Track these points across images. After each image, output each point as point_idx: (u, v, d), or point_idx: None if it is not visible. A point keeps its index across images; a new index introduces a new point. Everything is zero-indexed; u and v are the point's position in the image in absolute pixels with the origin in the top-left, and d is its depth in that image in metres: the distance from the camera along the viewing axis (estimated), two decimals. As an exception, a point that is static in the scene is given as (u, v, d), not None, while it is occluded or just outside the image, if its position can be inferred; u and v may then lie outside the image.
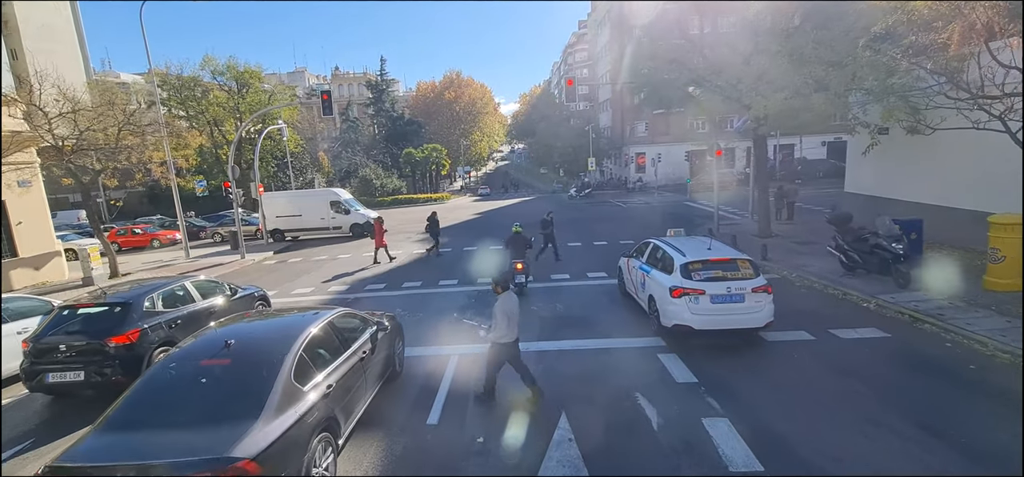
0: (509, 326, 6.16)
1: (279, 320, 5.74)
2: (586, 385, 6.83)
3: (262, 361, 4.36)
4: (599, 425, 5.73)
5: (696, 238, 9.63)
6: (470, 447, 5.42)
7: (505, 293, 6.32)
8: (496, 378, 6.46)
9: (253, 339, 4.87)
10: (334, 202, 25.47)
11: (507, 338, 6.21)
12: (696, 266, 7.83)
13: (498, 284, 6.37)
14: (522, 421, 5.92)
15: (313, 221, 25.33)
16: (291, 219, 25.47)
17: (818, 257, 13.71)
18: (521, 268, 11.53)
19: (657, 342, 8.17)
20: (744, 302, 7.56)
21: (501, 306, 6.19)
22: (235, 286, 9.31)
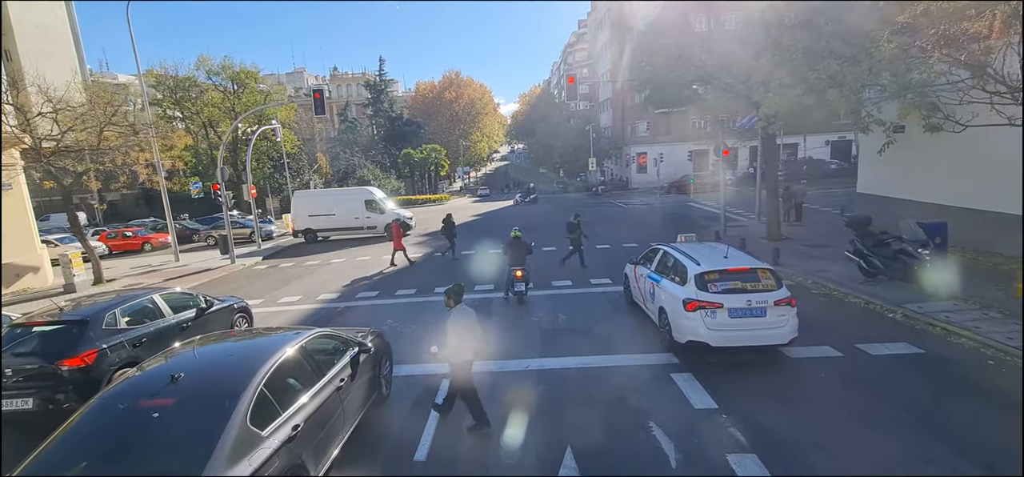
0: (461, 345, 5.62)
1: (242, 344, 5.04)
2: (593, 412, 6.13)
3: (212, 400, 3.68)
4: (610, 464, 5.04)
5: (710, 244, 8.93)
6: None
7: (458, 307, 5.76)
8: (479, 401, 5.86)
9: (206, 371, 4.17)
10: (369, 201, 24.54)
11: (459, 357, 5.67)
12: (712, 276, 7.14)
13: (451, 296, 5.79)
14: (522, 460, 5.23)
15: (347, 220, 24.40)
16: (324, 218, 24.49)
17: (834, 261, 13.03)
18: (521, 275, 10.85)
19: (669, 359, 7.48)
20: (766, 316, 6.87)
21: (453, 322, 5.66)
22: (211, 298, 8.62)
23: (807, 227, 19.32)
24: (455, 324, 5.64)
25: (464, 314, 5.73)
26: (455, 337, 5.60)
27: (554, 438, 5.54)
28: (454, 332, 5.61)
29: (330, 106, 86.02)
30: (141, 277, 18.44)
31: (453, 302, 5.81)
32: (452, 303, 5.81)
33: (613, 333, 8.81)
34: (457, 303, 5.82)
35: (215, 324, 8.34)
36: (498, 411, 6.23)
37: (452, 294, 5.83)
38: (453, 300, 5.81)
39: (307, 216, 24.48)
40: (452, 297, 5.82)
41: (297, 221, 24.61)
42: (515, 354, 8.07)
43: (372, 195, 25.11)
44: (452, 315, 5.74)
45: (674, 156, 46.27)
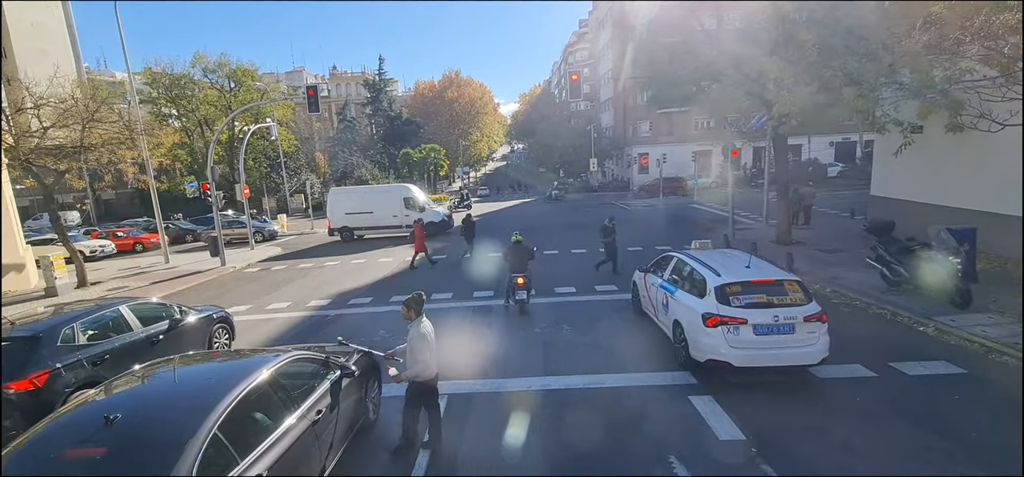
0: (421, 362, 5.07)
1: (201, 371, 4.36)
2: (605, 442, 5.47)
3: (151, 451, 3.02)
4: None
5: (728, 252, 8.28)
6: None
7: (419, 320, 5.14)
8: (415, 425, 5.36)
9: (149, 410, 3.50)
10: (407, 199, 23.78)
11: (423, 374, 5.11)
12: (734, 289, 6.48)
13: (410, 307, 5.15)
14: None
15: (384, 219, 23.65)
16: (361, 216, 23.73)
17: (851, 268, 12.39)
18: (522, 283, 10.18)
19: (686, 378, 6.82)
20: (794, 333, 6.22)
21: (413, 336, 5.08)
22: (187, 308, 7.96)
23: (816, 230, 18.70)
24: (413, 339, 5.07)
25: (422, 331, 5.11)
26: (414, 354, 5.08)
27: (562, 474, 4.88)
28: (411, 348, 5.10)
29: (329, 105, 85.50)
30: (128, 279, 17.76)
31: (413, 314, 5.15)
32: (412, 315, 5.16)
33: (622, 347, 8.15)
34: (417, 316, 5.17)
35: (190, 337, 7.69)
36: (497, 439, 5.58)
37: (412, 305, 5.16)
38: (413, 312, 5.15)
39: (344, 214, 23.69)
40: (412, 308, 5.16)
41: (333, 219, 23.78)
42: (516, 371, 7.41)
43: (410, 192, 24.38)
44: (412, 328, 5.15)
45: (677, 156, 45.64)
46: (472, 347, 8.49)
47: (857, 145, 46.99)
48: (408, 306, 5.17)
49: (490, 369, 7.54)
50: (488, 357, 8.01)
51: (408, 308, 5.17)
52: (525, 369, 7.49)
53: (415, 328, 5.12)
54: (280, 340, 9.63)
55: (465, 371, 7.48)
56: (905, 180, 15.12)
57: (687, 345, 6.88)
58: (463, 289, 12.75)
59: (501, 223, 27.57)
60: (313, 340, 9.50)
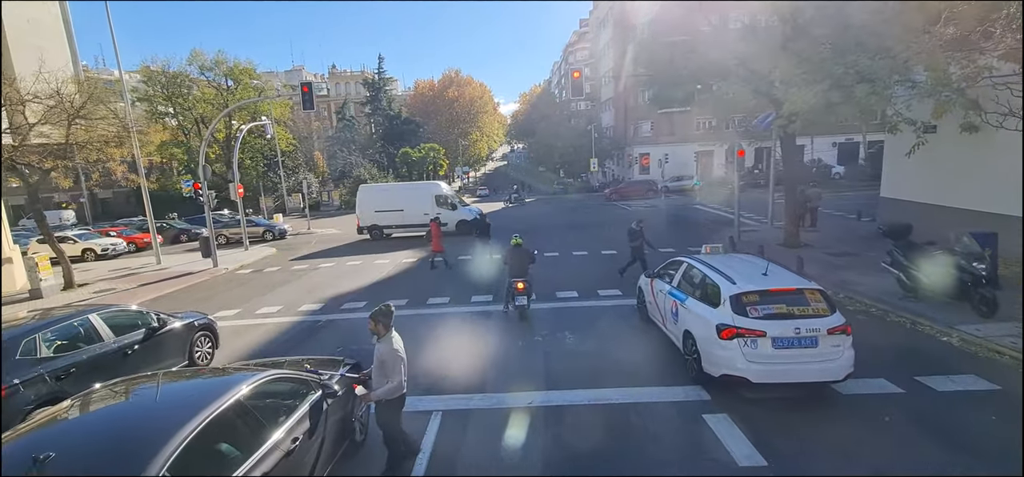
0: (397, 380, 4.67)
1: (161, 395, 3.87)
2: (613, 467, 5.00)
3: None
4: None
5: (741, 257, 7.80)
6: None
7: (389, 335, 4.72)
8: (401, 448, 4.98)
9: (89, 448, 3.01)
10: (439, 196, 23.19)
11: (397, 393, 4.71)
12: (751, 298, 6.01)
13: (378, 321, 4.72)
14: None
15: (416, 217, 22.96)
16: (391, 214, 23.12)
17: (864, 272, 11.94)
18: (522, 288, 9.70)
19: (698, 394, 6.35)
20: (817, 347, 5.75)
21: (384, 353, 4.67)
22: (166, 316, 7.48)
23: (823, 232, 18.25)
24: (387, 357, 4.65)
25: (395, 348, 4.69)
26: (386, 372, 4.66)
27: None
28: (378, 366, 4.69)
29: (328, 104, 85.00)
30: (117, 281, 17.28)
31: (382, 328, 4.72)
32: (381, 329, 4.72)
33: (629, 358, 7.68)
34: (387, 330, 4.74)
35: (168, 347, 7.22)
36: (496, 465, 5.11)
37: (380, 318, 4.72)
38: (382, 325, 4.72)
39: (373, 212, 23.11)
40: (380, 322, 4.71)
41: (363, 217, 23.19)
42: (516, 384, 6.94)
43: (441, 190, 23.80)
44: (380, 344, 4.73)
45: (678, 157, 45.20)
46: (470, 357, 8.02)
47: (860, 146, 46.54)
48: (375, 320, 4.72)
49: (489, 381, 7.07)
50: (487, 368, 7.54)
51: (375, 322, 4.71)
52: (526, 382, 7.02)
53: (386, 344, 4.69)
54: (267, 348, 9.16)
55: (462, 384, 7.02)
56: (917, 181, 14.66)
57: (699, 358, 6.41)
58: (461, 293, 12.28)
59: (500, 224, 27.05)
60: (303, 348, 9.03)
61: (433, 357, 8.10)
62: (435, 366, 7.71)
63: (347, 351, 8.38)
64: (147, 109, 46.22)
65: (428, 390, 6.83)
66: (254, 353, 8.85)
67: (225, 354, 8.74)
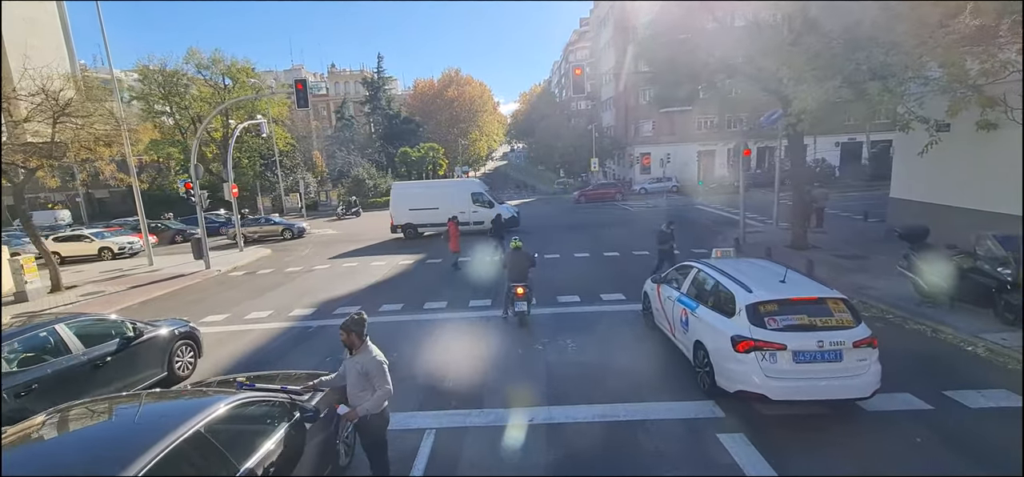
0: (384, 392, 4.25)
1: (115, 425, 3.40)
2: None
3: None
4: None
5: (754, 262, 7.34)
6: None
7: (366, 345, 4.32)
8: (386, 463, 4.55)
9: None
10: (475, 194, 22.73)
11: (381, 406, 4.28)
12: (770, 308, 5.57)
13: (351, 331, 4.29)
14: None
15: (451, 215, 22.59)
16: (427, 212, 22.55)
17: (877, 275, 11.51)
18: (522, 293, 9.25)
19: (711, 410, 5.91)
20: (842, 361, 5.31)
21: (366, 365, 4.25)
22: (143, 325, 7.03)
23: (830, 234, 17.82)
24: (371, 369, 4.23)
25: (378, 358, 4.29)
26: (372, 385, 4.23)
27: None
28: (372, 378, 4.24)
29: (327, 103, 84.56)
30: (107, 283, 16.83)
31: (357, 339, 4.30)
32: (356, 341, 4.30)
33: (635, 369, 7.23)
34: (362, 340, 4.33)
35: (144, 358, 6.78)
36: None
37: (353, 328, 4.29)
38: (357, 337, 4.30)
39: (408, 210, 22.59)
40: (354, 332, 4.29)
41: (397, 215, 22.68)
42: (516, 399, 6.49)
43: (479, 188, 23.30)
44: (359, 359, 4.30)
45: (680, 156, 44.77)
46: (467, 367, 7.58)
47: (863, 146, 46.12)
48: (348, 331, 4.29)
49: (487, 395, 6.63)
50: (485, 380, 7.10)
51: (348, 334, 4.29)
52: (526, 395, 6.57)
53: (365, 355, 4.28)
54: (254, 357, 8.71)
55: (458, 398, 6.58)
56: (930, 182, 14.21)
57: (712, 371, 5.97)
58: (459, 297, 11.84)
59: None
60: (291, 357, 8.59)
61: (427, 368, 7.66)
62: (429, 378, 7.27)
63: (336, 362, 7.95)
64: (143, 107, 45.80)
65: (421, 405, 6.40)
66: (239, 363, 8.41)
67: (208, 364, 8.30)
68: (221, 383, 5.14)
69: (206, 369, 8.07)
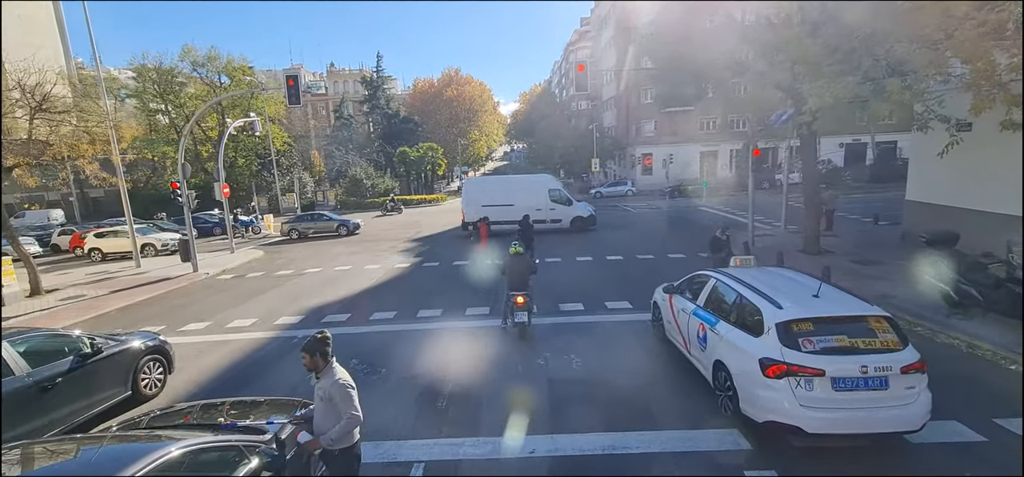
0: (353, 419, 3.69)
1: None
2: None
3: None
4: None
5: (780, 273, 6.67)
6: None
7: (331, 367, 3.76)
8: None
9: None
10: (552, 191, 21.80)
11: (351, 428, 3.69)
12: (804, 327, 4.92)
13: (314, 353, 3.73)
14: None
15: (527, 212, 21.70)
16: (500, 209, 21.43)
17: (898, 283, 10.87)
18: (523, 303, 8.59)
19: (735, 440, 5.26)
20: (888, 389, 4.66)
21: (330, 389, 3.68)
22: (101, 340, 6.36)
23: (842, 238, 17.19)
24: (336, 393, 3.65)
25: (342, 381, 3.70)
26: (338, 411, 3.66)
27: None
28: (337, 402, 3.66)
29: (326, 103, 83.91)
30: (90, 286, 16.14)
31: (321, 361, 3.74)
32: (320, 363, 3.73)
33: (648, 390, 6.57)
34: (326, 362, 3.76)
35: (104, 376, 6.12)
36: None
37: (316, 350, 3.73)
38: (321, 358, 3.73)
39: (481, 206, 21.56)
40: (317, 354, 3.72)
41: (469, 212, 21.70)
42: (515, 425, 5.83)
43: (556, 184, 22.39)
44: (322, 382, 3.74)
45: (682, 156, 44.15)
46: (461, 387, 6.92)
47: (868, 147, 45.54)
48: (311, 353, 3.72)
49: (483, 420, 5.97)
50: (480, 402, 6.44)
51: (312, 356, 3.72)
52: (526, 421, 5.91)
53: (328, 378, 3.70)
54: (231, 372, 8.04)
55: (451, 423, 5.92)
56: (950, 184, 13.57)
57: (736, 396, 5.32)
58: (455, 303, 11.18)
59: (499, 227, 25.95)
60: (271, 372, 7.92)
61: (418, 386, 7.00)
62: (420, 399, 6.61)
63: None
64: (138, 106, 45.14)
65: (410, 433, 5.73)
66: (214, 378, 7.74)
67: (182, 379, 7.63)
68: (163, 416, 4.50)
69: (178, 386, 7.40)
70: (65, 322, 12.01)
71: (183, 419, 4.54)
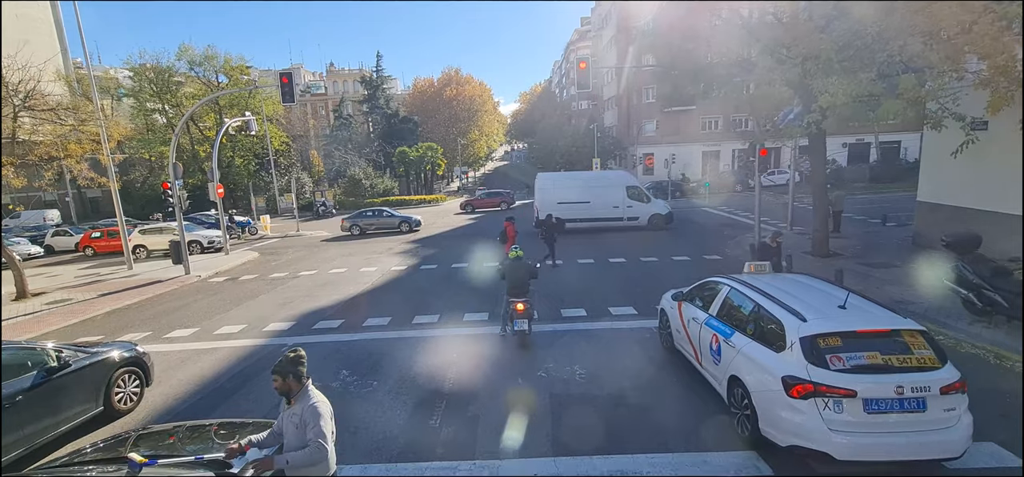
0: (324, 451, 3.19)
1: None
2: None
3: None
4: None
5: (800, 280, 6.21)
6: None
7: (305, 390, 3.28)
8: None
9: None
10: (631, 188, 21.16)
11: (314, 461, 3.16)
12: (832, 342, 4.48)
13: (286, 375, 3.25)
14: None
15: (604, 210, 20.87)
16: (575, 207, 20.74)
17: (913, 288, 10.43)
18: (523, 310, 8.15)
19: (756, 466, 4.82)
20: (926, 412, 4.22)
21: (304, 415, 3.20)
22: (70, 353, 5.92)
23: (850, 240, 16.76)
24: (309, 420, 3.18)
25: (319, 408, 3.21)
26: (308, 438, 3.18)
27: None
28: (310, 429, 3.18)
29: (326, 103, 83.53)
30: (76, 290, 15.72)
31: (294, 383, 3.26)
32: (293, 385, 3.25)
33: (657, 406, 6.13)
34: (300, 385, 3.28)
35: (72, 392, 5.69)
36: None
37: (287, 370, 3.25)
38: (293, 380, 3.25)
39: (556, 204, 20.57)
40: (289, 375, 3.24)
41: (543, 208, 20.71)
42: (514, 447, 5.40)
43: (632, 181, 21.82)
44: (296, 408, 3.25)
45: (684, 157, 43.75)
46: (457, 401, 6.49)
47: (871, 147, 45.10)
48: (282, 375, 3.24)
49: (480, 440, 5.54)
50: (477, 419, 6.00)
51: (283, 378, 3.24)
52: (527, 440, 5.49)
53: (303, 403, 3.22)
54: (214, 383, 7.60)
55: (446, 442, 5.49)
56: (964, 184, 13.14)
57: (754, 416, 4.88)
58: (453, 310, 10.75)
59: (498, 228, 25.52)
60: (254, 385, 7.48)
61: (411, 401, 6.56)
62: (412, 415, 6.18)
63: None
64: (134, 105, 44.76)
65: (400, 454, 5.30)
66: (195, 391, 7.30)
67: (160, 392, 7.20)
68: (147, 436, 4.10)
69: (156, 399, 6.96)
70: (49, 327, 11.61)
71: (169, 439, 4.21)
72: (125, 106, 47.84)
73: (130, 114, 45.44)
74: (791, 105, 15.33)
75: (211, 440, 4.11)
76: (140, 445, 3.98)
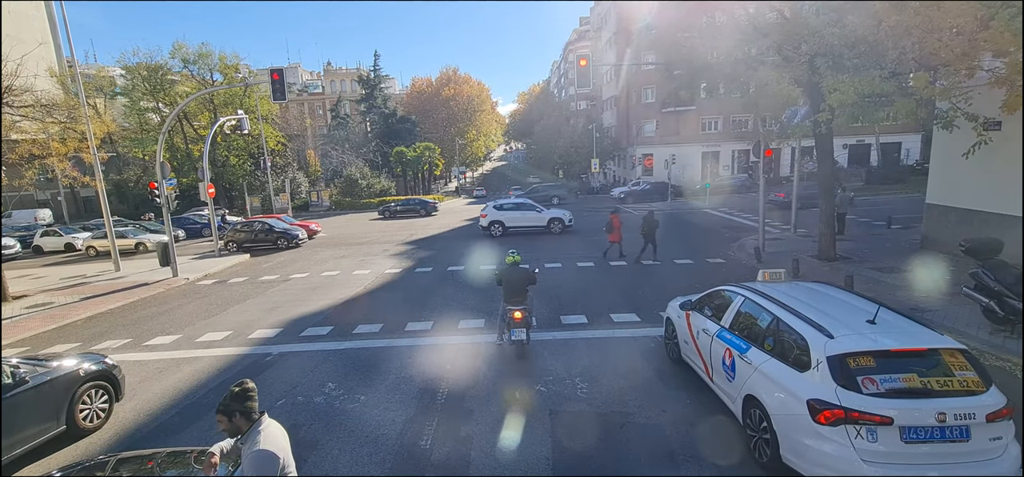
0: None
1: None
2: None
3: None
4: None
5: (820, 290, 5.75)
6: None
7: (256, 428, 2.82)
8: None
9: None
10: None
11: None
12: (864, 362, 4.04)
13: (232, 413, 2.81)
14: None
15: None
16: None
17: (927, 294, 10.02)
18: (520, 318, 7.69)
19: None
20: (969, 441, 3.78)
21: (256, 460, 2.71)
22: (26, 370, 5.41)
23: (856, 243, 16.36)
24: (264, 464, 2.71)
25: (270, 450, 2.73)
26: None
27: None
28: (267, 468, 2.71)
29: (323, 102, 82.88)
30: (60, 293, 15.20)
31: (243, 422, 2.81)
32: (242, 425, 2.81)
33: (665, 424, 5.68)
34: (250, 422, 2.83)
35: (30, 409, 5.22)
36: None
37: (234, 408, 2.80)
38: (242, 418, 2.80)
39: None
40: (236, 413, 2.80)
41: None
42: (511, 466, 4.95)
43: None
44: (246, 449, 2.77)
45: (683, 157, 43.34)
46: (448, 419, 6.03)
47: (872, 148, 44.81)
48: (227, 414, 2.79)
49: (474, 465, 5.07)
50: (470, 441, 5.54)
51: (228, 418, 2.79)
52: (524, 463, 5.03)
53: (253, 441, 2.75)
54: (190, 398, 7.10)
55: (437, 467, 5.03)
56: (976, 186, 12.75)
57: (774, 440, 4.43)
58: (447, 316, 10.28)
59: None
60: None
61: (400, 418, 6.10)
62: (401, 435, 5.71)
63: (290, 406, 6.38)
64: (127, 104, 44.17)
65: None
66: (170, 406, 6.81)
67: (131, 407, 6.71)
68: (123, 463, 3.71)
69: (126, 415, 6.48)
70: (27, 333, 11.11)
71: (148, 464, 3.91)
72: (119, 104, 47.20)
73: (124, 112, 44.81)
74: (798, 104, 14.94)
75: (190, 467, 3.74)
76: (120, 470, 3.75)
